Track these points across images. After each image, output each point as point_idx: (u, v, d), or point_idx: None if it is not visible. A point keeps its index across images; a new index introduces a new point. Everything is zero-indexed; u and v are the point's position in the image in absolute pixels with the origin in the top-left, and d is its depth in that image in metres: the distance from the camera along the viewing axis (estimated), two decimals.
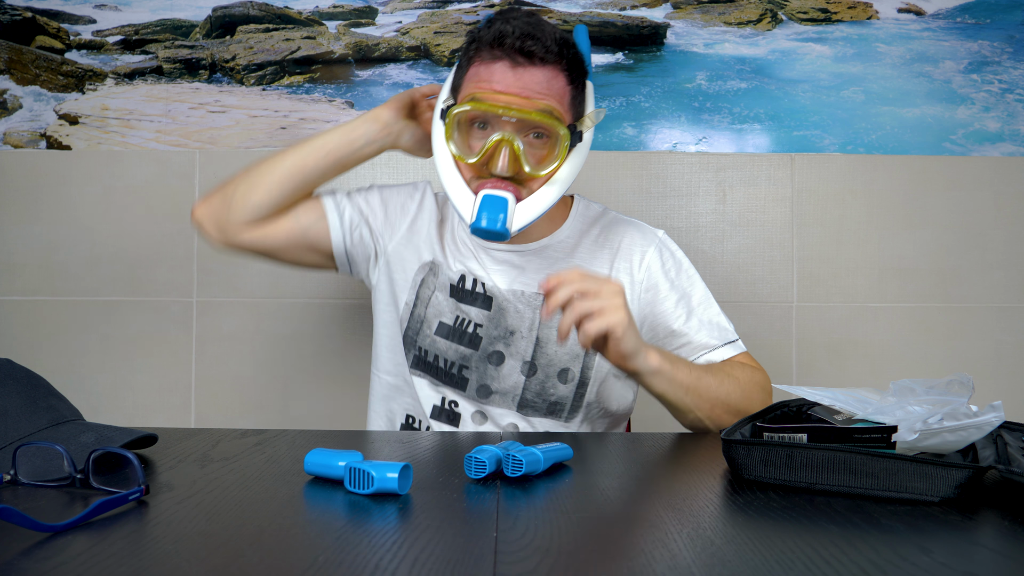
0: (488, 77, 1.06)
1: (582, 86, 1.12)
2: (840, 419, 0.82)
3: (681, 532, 0.59)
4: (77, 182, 1.81)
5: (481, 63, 1.07)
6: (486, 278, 1.19)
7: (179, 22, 1.84)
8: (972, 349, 1.80)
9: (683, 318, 1.16)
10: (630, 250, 1.20)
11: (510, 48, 1.03)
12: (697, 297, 1.19)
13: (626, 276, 1.18)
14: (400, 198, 1.25)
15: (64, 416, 0.82)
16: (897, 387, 0.83)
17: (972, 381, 0.80)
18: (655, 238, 1.22)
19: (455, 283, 1.19)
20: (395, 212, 1.24)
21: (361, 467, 0.69)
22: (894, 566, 0.51)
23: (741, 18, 1.83)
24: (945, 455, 0.75)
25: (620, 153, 1.81)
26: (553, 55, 1.05)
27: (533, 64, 1.04)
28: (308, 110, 1.83)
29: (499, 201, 1.04)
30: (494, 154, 1.04)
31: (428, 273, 1.20)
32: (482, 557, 0.52)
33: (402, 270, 1.22)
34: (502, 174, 1.04)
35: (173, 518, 0.61)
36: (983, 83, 1.81)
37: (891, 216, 1.81)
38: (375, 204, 1.24)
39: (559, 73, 1.07)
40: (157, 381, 1.81)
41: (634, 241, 1.21)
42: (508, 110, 1.02)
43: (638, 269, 1.19)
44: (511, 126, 1.04)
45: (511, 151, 1.03)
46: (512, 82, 1.04)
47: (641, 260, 1.19)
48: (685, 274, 1.20)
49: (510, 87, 1.04)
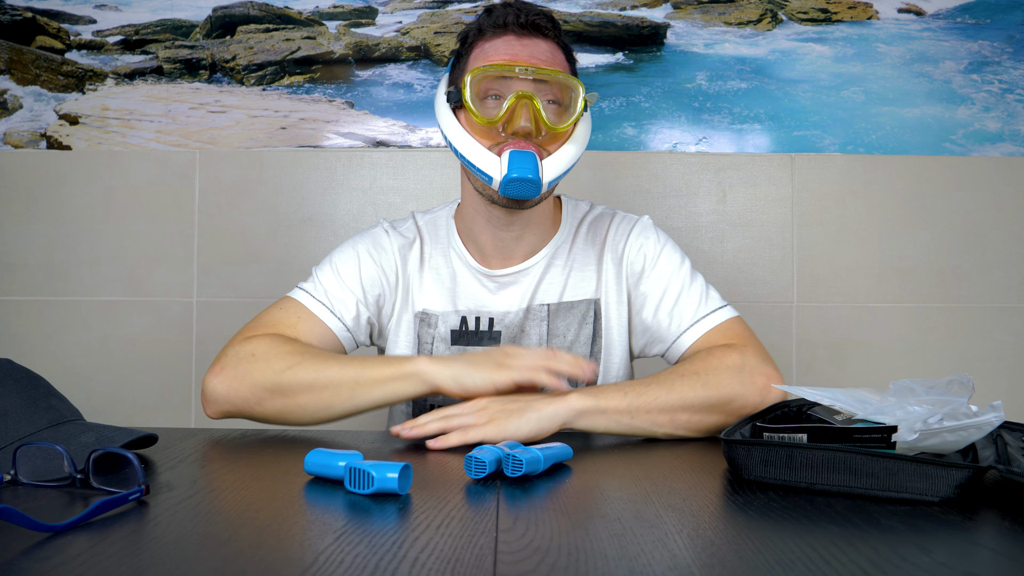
0: (495, 50, 1.07)
1: (574, 69, 1.15)
2: (840, 419, 0.82)
3: (681, 532, 0.59)
4: (77, 182, 1.81)
5: (485, 41, 1.08)
6: (492, 310, 1.15)
7: (179, 22, 1.84)
8: (972, 349, 1.80)
9: (654, 310, 1.14)
10: (615, 242, 1.18)
11: (514, 23, 1.06)
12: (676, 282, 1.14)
13: (613, 267, 1.17)
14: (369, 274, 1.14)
15: (64, 416, 0.82)
16: (897, 387, 0.83)
17: (972, 381, 0.80)
18: (636, 225, 1.19)
19: (456, 328, 1.15)
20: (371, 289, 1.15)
21: (361, 467, 0.69)
22: (894, 566, 0.51)
23: (741, 18, 1.83)
24: (945, 455, 0.75)
25: (620, 153, 1.81)
26: (553, 33, 1.09)
27: (539, 36, 1.07)
28: (308, 110, 1.83)
29: (526, 155, 1.03)
30: (514, 113, 1.03)
31: (421, 324, 1.15)
32: (482, 557, 0.52)
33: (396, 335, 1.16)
34: (525, 127, 1.03)
35: (173, 518, 0.61)
36: (983, 83, 1.81)
37: (891, 216, 1.81)
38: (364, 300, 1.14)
39: (558, 49, 1.10)
40: (157, 381, 1.81)
41: (618, 232, 1.19)
42: (525, 69, 1.03)
43: (623, 260, 1.17)
44: (529, 84, 1.04)
45: (532, 107, 1.03)
46: (520, 50, 1.06)
47: (624, 250, 1.17)
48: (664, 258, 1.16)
49: (519, 55, 1.05)
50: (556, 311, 1.15)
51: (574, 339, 1.15)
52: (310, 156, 1.82)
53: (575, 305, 1.15)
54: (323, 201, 1.82)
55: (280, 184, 1.82)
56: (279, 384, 0.99)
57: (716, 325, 1.11)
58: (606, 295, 1.16)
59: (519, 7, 1.08)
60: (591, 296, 1.16)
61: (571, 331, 1.15)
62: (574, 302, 1.16)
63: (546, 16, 1.09)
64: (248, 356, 1.02)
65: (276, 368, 1.00)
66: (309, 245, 1.80)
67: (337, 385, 0.99)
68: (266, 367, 1.00)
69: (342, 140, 1.84)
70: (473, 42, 1.10)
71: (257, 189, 1.82)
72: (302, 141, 1.83)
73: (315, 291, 1.13)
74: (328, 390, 0.99)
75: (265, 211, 1.82)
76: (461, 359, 0.98)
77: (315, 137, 1.83)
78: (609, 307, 1.16)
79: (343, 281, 1.13)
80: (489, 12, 1.10)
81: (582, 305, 1.16)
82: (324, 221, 1.82)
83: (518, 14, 1.07)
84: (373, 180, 1.82)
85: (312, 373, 0.99)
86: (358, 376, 0.99)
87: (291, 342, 1.05)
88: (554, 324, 1.15)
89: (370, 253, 1.16)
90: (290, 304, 1.12)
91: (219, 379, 1.01)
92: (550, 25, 1.09)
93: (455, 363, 0.97)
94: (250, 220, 1.82)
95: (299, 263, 1.80)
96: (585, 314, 1.15)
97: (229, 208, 1.82)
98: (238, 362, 1.02)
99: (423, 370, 0.97)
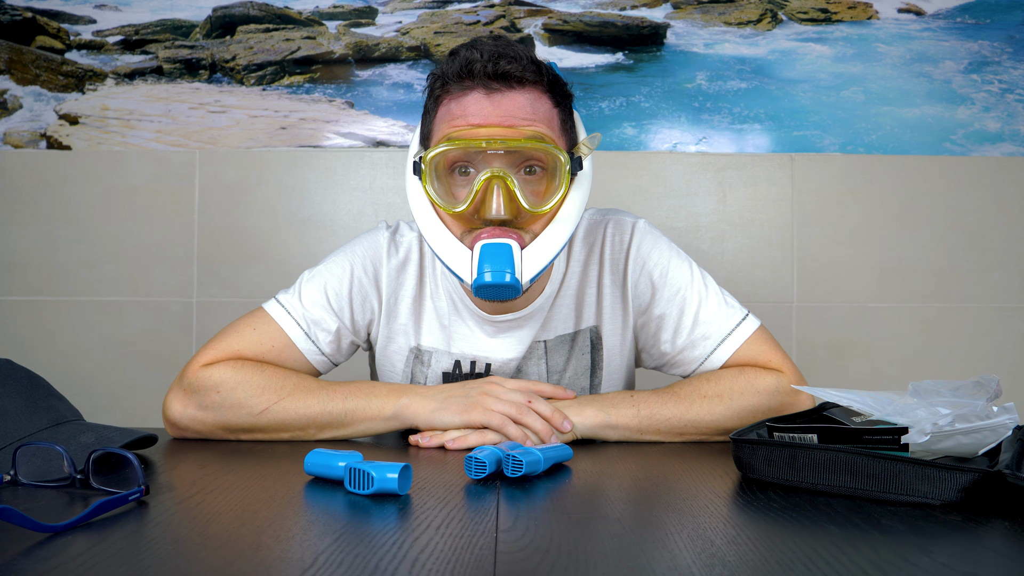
0: (462, 112, 0.89)
1: (569, 111, 0.97)
2: (859, 420, 0.80)
3: (681, 532, 0.59)
4: (77, 182, 1.81)
5: (451, 99, 0.91)
6: (489, 356, 1.03)
7: (179, 22, 1.84)
8: (972, 349, 1.80)
9: (670, 341, 1.03)
10: (613, 260, 1.05)
11: (481, 74, 0.88)
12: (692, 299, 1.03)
13: (615, 289, 1.05)
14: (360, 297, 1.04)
15: (64, 416, 0.82)
16: (917, 388, 0.81)
17: (997, 382, 0.78)
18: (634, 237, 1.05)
19: (449, 371, 1.04)
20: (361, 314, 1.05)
21: (361, 467, 0.69)
22: (894, 567, 0.51)
23: (741, 18, 1.83)
24: (971, 459, 0.74)
25: (620, 153, 1.81)
26: (532, 74, 0.90)
27: (511, 87, 0.89)
28: (308, 110, 1.83)
29: (502, 249, 0.87)
30: (484, 197, 0.88)
31: (415, 361, 1.06)
32: (482, 557, 0.52)
33: (389, 362, 1.08)
34: (498, 217, 0.87)
35: (173, 518, 0.61)
36: (983, 83, 1.81)
37: (891, 216, 1.81)
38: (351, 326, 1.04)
39: (541, 95, 0.91)
40: (157, 381, 1.81)
41: (614, 246, 1.05)
42: (492, 141, 0.86)
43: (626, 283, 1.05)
44: (500, 160, 0.88)
45: (505, 189, 0.87)
46: (491, 111, 0.88)
47: (627, 271, 1.04)
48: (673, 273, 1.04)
49: (489, 117, 0.88)
50: (554, 346, 1.05)
51: (573, 374, 1.06)
52: (310, 156, 1.82)
53: (573, 336, 1.05)
54: (323, 201, 1.82)
55: (280, 184, 1.82)
56: (256, 425, 0.94)
57: (744, 342, 1.02)
58: (605, 321, 1.05)
59: (489, 49, 0.89)
60: (589, 324, 1.05)
61: (571, 365, 1.06)
62: (571, 333, 1.05)
63: (522, 59, 0.89)
64: (213, 387, 0.94)
65: (251, 409, 0.93)
66: (309, 245, 1.80)
67: (320, 425, 0.94)
68: (238, 409, 0.93)
69: (342, 140, 1.84)
70: (440, 96, 0.92)
71: (257, 189, 1.82)
72: (302, 141, 1.83)
73: (293, 309, 1.01)
74: (311, 428, 0.94)
75: (265, 211, 1.82)
76: (439, 394, 0.93)
77: (315, 137, 1.83)
78: (608, 333, 1.06)
79: (328, 303, 1.02)
80: (454, 55, 0.91)
81: (580, 336, 1.05)
82: (324, 221, 1.82)
83: (487, 62, 0.88)
84: (373, 180, 1.82)
85: (291, 414, 0.93)
86: (343, 416, 0.94)
87: (261, 371, 0.96)
88: (552, 360, 1.05)
89: (365, 270, 1.04)
90: (263, 323, 1.01)
91: (182, 407, 0.95)
92: (525, 70, 0.89)
93: (432, 399, 0.93)
94: (250, 220, 1.82)
95: (299, 263, 1.80)
96: (583, 345, 1.05)
97: (229, 208, 1.82)
98: (203, 393, 0.94)
99: (403, 413, 0.93)
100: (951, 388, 0.80)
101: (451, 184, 0.92)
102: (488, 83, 0.88)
